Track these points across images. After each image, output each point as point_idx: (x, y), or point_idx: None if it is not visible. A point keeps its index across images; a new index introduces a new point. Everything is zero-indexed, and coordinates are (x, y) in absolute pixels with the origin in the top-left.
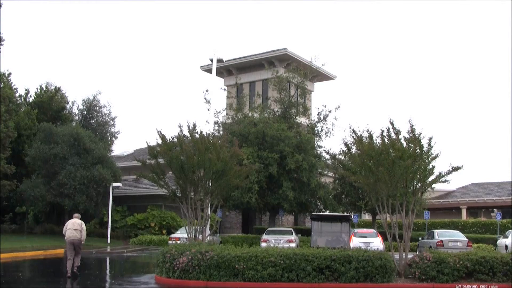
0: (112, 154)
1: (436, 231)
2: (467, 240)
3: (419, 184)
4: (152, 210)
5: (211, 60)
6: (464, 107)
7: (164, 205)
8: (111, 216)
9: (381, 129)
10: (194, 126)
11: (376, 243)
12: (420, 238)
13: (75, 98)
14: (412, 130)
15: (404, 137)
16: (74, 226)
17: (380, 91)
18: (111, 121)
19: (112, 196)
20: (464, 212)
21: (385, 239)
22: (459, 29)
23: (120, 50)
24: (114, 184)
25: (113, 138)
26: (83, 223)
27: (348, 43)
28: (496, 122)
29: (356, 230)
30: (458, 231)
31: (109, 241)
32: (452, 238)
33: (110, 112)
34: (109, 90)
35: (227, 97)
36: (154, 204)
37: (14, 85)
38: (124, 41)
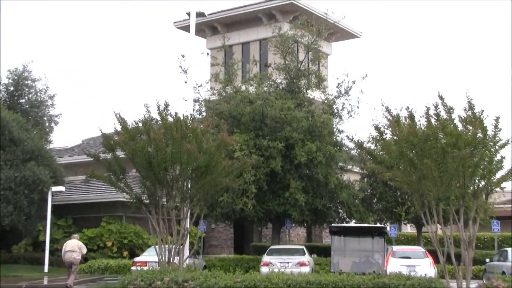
0: (52, 146)
1: (510, 249)
2: None
3: (483, 182)
4: (108, 223)
5: (189, 15)
6: None
7: (126, 216)
8: (50, 233)
9: (426, 106)
10: (166, 105)
11: (425, 266)
12: (487, 260)
13: None
14: (471, 106)
15: (460, 116)
16: (73, 248)
17: (424, 53)
18: (49, 100)
19: (52, 205)
20: None
21: (436, 260)
22: None
23: (61, 3)
24: (55, 189)
25: (53, 124)
26: (82, 244)
27: None
28: None
29: (395, 248)
30: None
31: (46, 269)
32: None
33: (47, 87)
34: (46, 57)
35: (212, 65)
36: (111, 215)
37: None
38: None
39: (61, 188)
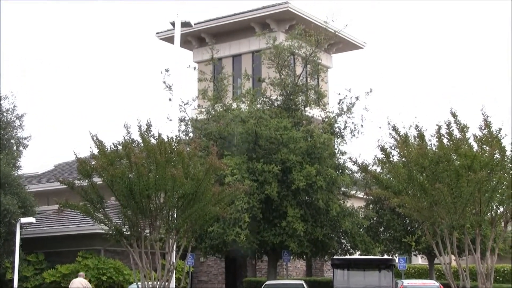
0: (20, 172)
1: None
2: None
3: (501, 209)
4: (85, 258)
5: (173, 24)
6: None
7: (104, 249)
8: (19, 270)
9: (437, 125)
10: (149, 126)
11: None
12: None
13: None
14: (487, 124)
15: (475, 135)
16: (79, 287)
17: (435, 64)
18: (17, 121)
19: (21, 239)
20: None
21: None
22: None
23: (34, 12)
24: (24, 220)
25: (21, 147)
26: (88, 282)
27: None
28: None
29: (406, 283)
30: None
31: None
32: None
33: (15, 107)
34: (14, 73)
35: (199, 80)
36: (88, 249)
37: None
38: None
39: (31, 220)
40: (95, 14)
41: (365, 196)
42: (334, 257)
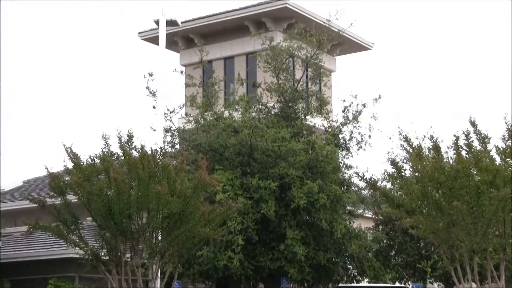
0: None
1: None
2: None
3: None
4: (57, 286)
5: (157, 23)
6: None
7: (79, 276)
8: None
9: (454, 135)
10: (130, 137)
11: None
12: None
13: None
14: (511, 134)
15: (497, 147)
16: None
17: (450, 67)
18: None
19: None
20: None
21: None
22: None
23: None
24: None
25: None
26: None
27: None
28: None
29: None
30: None
31: None
32: None
33: None
34: None
35: (187, 85)
36: (60, 276)
37: None
38: None
39: None
40: (71, 13)
41: (373, 216)
42: (339, 284)
